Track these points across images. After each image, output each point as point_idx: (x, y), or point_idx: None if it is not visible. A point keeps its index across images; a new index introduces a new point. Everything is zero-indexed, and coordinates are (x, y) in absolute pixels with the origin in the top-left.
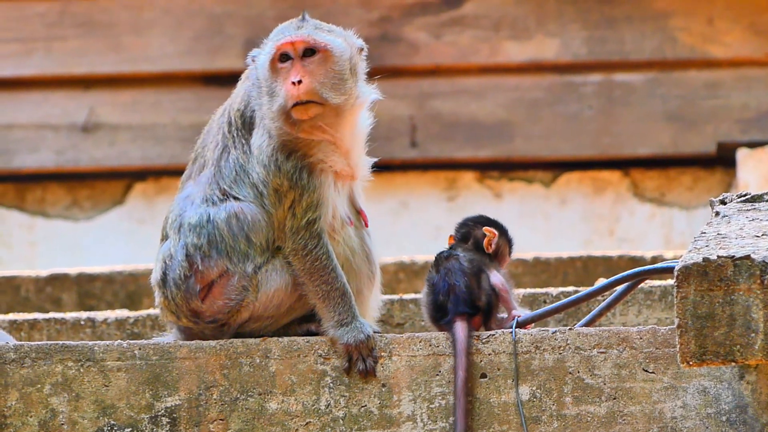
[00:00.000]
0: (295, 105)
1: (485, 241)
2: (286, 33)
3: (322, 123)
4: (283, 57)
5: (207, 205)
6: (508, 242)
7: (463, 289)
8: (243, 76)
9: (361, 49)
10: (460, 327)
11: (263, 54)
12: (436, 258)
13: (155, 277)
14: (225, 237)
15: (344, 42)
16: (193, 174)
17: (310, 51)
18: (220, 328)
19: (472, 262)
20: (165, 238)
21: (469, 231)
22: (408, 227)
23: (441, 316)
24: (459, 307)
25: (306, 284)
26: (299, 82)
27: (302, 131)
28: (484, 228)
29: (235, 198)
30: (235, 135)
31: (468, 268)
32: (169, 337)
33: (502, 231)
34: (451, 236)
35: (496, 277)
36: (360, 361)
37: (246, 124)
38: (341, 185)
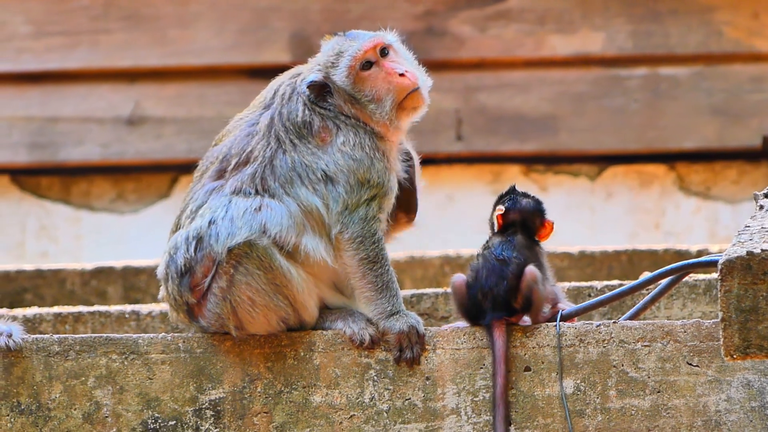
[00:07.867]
0: (411, 93)
1: (544, 232)
2: (360, 41)
3: None
4: (366, 65)
5: (238, 196)
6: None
7: (502, 293)
8: (280, 93)
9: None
10: (499, 333)
11: (340, 68)
12: (487, 243)
13: (160, 271)
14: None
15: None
16: (220, 173)
17: (385, 50)
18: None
19: (519, 263)
20: (178, 227)
21: (531, 218)
22: (453, 220)
23: (477, 314)
24: (497, 312)
25: (367, 274)
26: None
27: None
28: (545, 221)
29: (278, 196)
30: (292, 140)
31: (515, 269)
32: None
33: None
34: (500, 215)
35: (550, 287)
36: (408, 350)
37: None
38: None
